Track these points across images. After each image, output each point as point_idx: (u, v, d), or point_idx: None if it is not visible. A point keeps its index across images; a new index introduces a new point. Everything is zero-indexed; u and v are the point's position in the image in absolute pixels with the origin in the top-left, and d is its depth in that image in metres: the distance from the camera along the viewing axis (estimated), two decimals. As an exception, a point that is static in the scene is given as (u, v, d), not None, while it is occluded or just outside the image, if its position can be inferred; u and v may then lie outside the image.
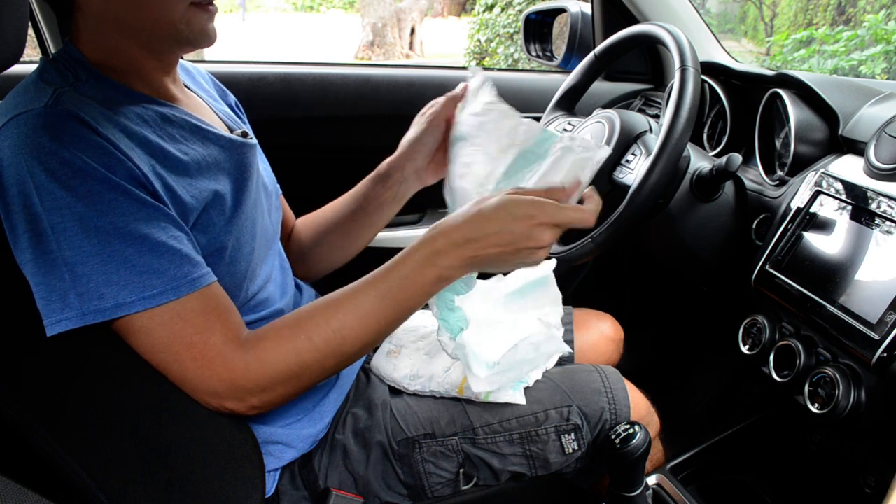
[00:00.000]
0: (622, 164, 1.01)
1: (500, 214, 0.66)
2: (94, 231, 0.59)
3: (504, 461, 0.85)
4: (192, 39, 0.69)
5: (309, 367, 0.67)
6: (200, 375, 0.64)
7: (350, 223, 0.97)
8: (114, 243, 0.60)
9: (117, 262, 0.60)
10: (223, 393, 0.65)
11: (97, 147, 0.61)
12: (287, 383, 0.67)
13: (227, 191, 0.74)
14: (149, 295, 0.61)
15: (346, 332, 0.67)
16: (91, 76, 0.68)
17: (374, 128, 1.43)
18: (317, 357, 0.66)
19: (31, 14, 1.22)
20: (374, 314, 0.68)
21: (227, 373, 0.64)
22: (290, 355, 0.66)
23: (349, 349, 0.68)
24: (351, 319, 0.67)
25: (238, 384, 0.65)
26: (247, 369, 0.65)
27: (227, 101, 0.94)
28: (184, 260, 0.63)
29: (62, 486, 0.60)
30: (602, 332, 1.09)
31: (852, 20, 4.40)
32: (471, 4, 11.17)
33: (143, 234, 0.61)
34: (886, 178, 0.85)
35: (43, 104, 0.61)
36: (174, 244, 0.63)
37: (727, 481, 1.05)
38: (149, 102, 0.71)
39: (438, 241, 0.67)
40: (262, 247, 0.82)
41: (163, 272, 0.61)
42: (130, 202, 0.61)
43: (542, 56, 1.72)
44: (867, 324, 0.77)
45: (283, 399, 0.68)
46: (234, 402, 0.66)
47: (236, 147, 0.79)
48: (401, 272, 0.67)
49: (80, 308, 0.59)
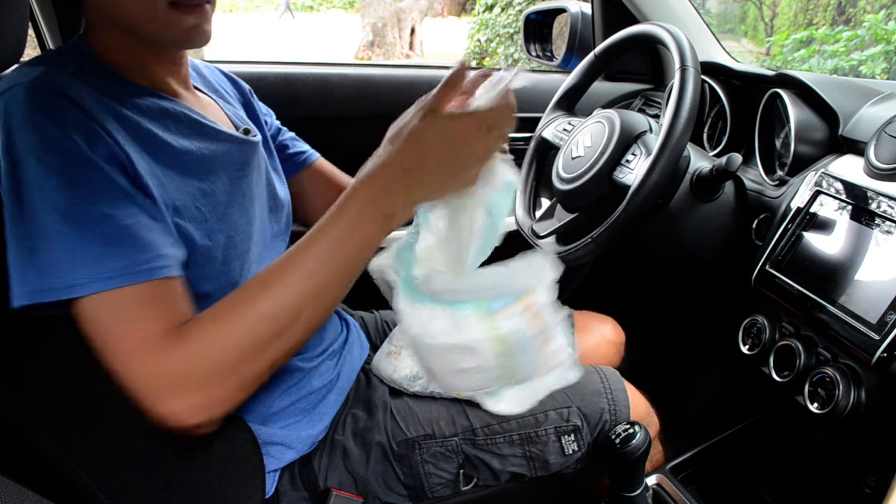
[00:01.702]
0: (622, 164, 1.01)
1: (430, 131, 0.62)
2: (61, 208, 0.58)
3: (504, 462, 0.85)
4: (173, 40, 0.69)
5: (248, 344, 0.59)
6: (137, 369, 0.58)
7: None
8: (77, 222, 0.58)
9: (76, 241, 0.58)
10: (158, 389, 0.57)
11: (79, 123, 0.60)
12: (227, 373, 0.59)
13: (221, 187, 0.74)
14: (103, 277, 0.58)
15: (286, 300, 0.61)
16: (95, 68, 0.68)
17: (374, 128, 1.41)
18: (256, 330, 0.60)
19: (31, 14, 1.22)
20: (313, 276, 0.62)
21: (163, 363, 0.58)
22: (230, 331, 0.59)
23: (291, 320, 0.61)
24: (291, 286, 0.61)
25: (171, 377, 0.58)
26: (180, 358, 0.58)
27: (242, 95, 0.93)
28: (145, 247, 0.60)
29: (62, 486, 0.60)
30: (603, 334, 1.09)
31: (852, 20, 4.41)
32: (471, 4, 11.17)
33: (108, 214, 0.59)
34: (886, 178, 0.85)
35: (31, 78, 0.61)
36: (139, 230, 0.60)
37: (727, 481, 1.05)
38: (149, 96, 0.71)
39: (366, 180, 0.63)
40: (260, 246, 0.81)
41: (120, 257, 0.59)
42: (103, 183, 0.60)
43: (542, 56, 1.73)
44: (867, 324, 0.77)
45: (227, 396, 0.60)
46: (174, 403, 0.57)
47: (236, 144, 0.78)
48: (335, 228, 0.63)
49: (37, 284, 0.57)
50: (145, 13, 0.66)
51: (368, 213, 0.63)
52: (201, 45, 0.71)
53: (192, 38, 0.69)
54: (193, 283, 0.70)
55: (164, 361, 0.58)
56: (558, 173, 1.07)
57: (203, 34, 0.69)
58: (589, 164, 1.02)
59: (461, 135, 0.63)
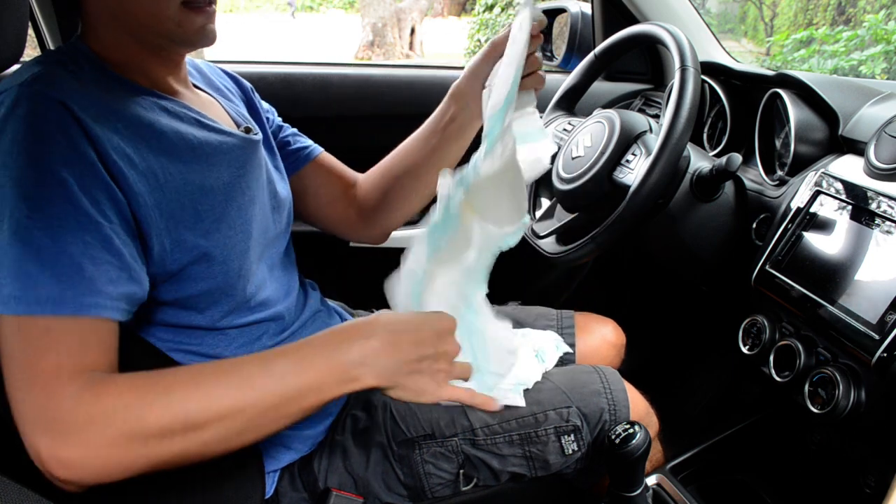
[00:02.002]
0: (622, 164, 1.01)
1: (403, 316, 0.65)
2: (12, 220, 0.56)
3: (504, 462, 0.85)
4: (184, 40, 0.69)
5: (150, 426, 0.55)
6: (29, 399, 0.54)
7: (420, 164, 0.94)
8: (22, 238, 0.56)
9: (14, 257, 0.56)
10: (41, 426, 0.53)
11: (63, 131, 0.59)
12: (119, 439, 0.54)
13: (219, 184, 0.73)
14: (31, 300, 0.55)
15: (211, 399, 0.57)
16: (95, 68, 0.68)
17: (374, 128, 1.43)
18: (164, 416, 0.55)
19: (31, 14, 1.22)
20: (252, 387, 0.58)
21: (57, 404, 0.54)
22: (134, 404, 0.55)
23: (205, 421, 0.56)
24: (224, 388, 0.57)
25: (53, 418, 0.53)
26: (76, 404, 0.54)
27: (244, 93, 0.93)
28: (84, 281, 0.57)
29: (62, 486, 0.60)
30: (604, 336, 1.09)
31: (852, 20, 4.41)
32: (471, 4, 11.17)
33: (57, 239, 0.57)
34: (886, 178, 0.85)
35: (20, 81, 0.61)
36: (83, 262, 0.57)
37: (727, 481, 1.05)
38: (150, 95, 0.71)
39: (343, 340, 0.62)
40: (259, 245, 0.80)
41: (54, 284, 0.56)
42: (63, 204, 0.58)
43: (542, 56, 1.72)
44: (867, 324, 0.77)
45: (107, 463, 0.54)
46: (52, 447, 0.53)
47: (237, 141, 0.78)
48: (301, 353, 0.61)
49: None
50: (158, 13, 0.66)
51: (334, 363, 0.61)
52: (209, 45, 0.71)
53: (202, 37, 0.70)
54: (192, 282, 0.70)
55: (58, 403, 0.54)
56: (558, 173, 1.07)
57: (211, 33, 0.71)
58: (589, 164, 1.02)
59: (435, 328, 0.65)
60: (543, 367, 0.92)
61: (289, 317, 0.86)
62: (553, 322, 1.07)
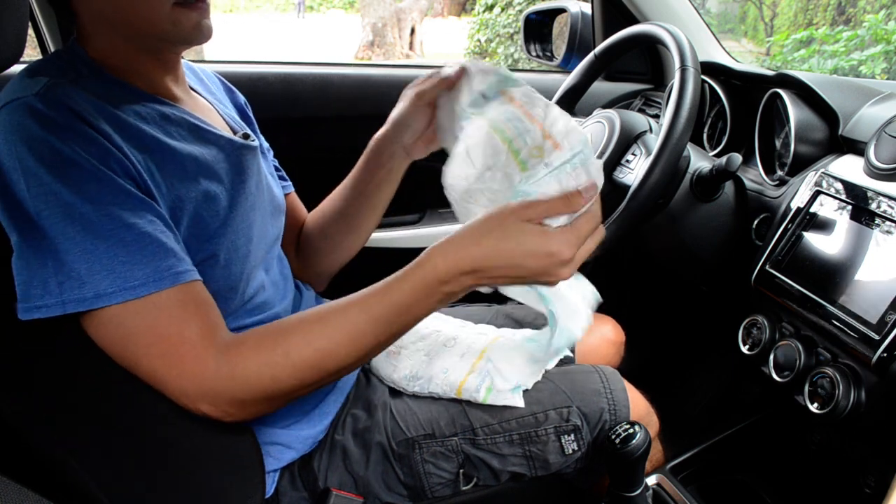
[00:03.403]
0: (622, 164, 1.01)
1: (515, 245, 0.61)
2: (80, 219, 0.58)
3: (504, 462, 0.85)
4: (180, 38, 0.69)
5: (283, 383, 0.63)
6: (169, 373, 0.61)
7: (352, 209, 0.95)
8: (97, 232, 0.59)
9: (100, 251, 0.58)
10: (193, 394, 0.61)
11: (87, 136, 0.61)
12: (260, 400, 0.64)
13: (222, 191, 0.74)
14: (130, 286, 0.59)
15: (328, 352, 0.63)
16: (93, 73, 0.68)
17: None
18: (293, 374, 0.63)
19: (31, 14, 1.23)
20: (362, 335, 0.64)
21: (198, 371, 0.61)
22: (264, 369, 0.62)
23: (330, 368, 0.64)
24: (335, 340, 0.63)
25: (207, 386, 0.61)
26: (217, 373, 0.61)
27: (236, 103, 0.93)
28: (168, 253, 0.62)
29: (62, 486, 0.60)
30: (603, 334, 1.09)
31: (852, 20, 4.41)
32: (471, 4, 11.17)
33: (129, 223, 0.60)
34: (886, 178, 0.85)
35: (33, 92, 0.61)
36: (159, 237, 0.62)
37: (727, 481, 1.05)
38: (149, 101, 0.71)
39: (440, 266, 0.62)
40: (259, 250, 0.81)
41: (145, 264, 0.60)
42: (118, 192, 0.60)
43: (542, 56, 1.73)
44: (867, 324, 0.77)
45: (258, 413, 0.65)
46: (208, 406, 0.62)
47: (235, 148, 0.79)
48: (395, 297, 0.63)
49: (60, 296, 0.58)
50: (152, 15, 0.66)
51: (431, 292, 0.63)
52: (205, 41, 0.71)
53: (198, 34, 0.69)
54: None
55: (199, 368, 0.61)
56: (558, 173, 1.07)
57: (207, 30, 0.70)
58: (589, 164, 1.02)
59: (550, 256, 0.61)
60: (543, 368, 0.92)
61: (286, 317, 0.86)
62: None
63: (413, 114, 0.84)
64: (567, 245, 0.62)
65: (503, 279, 0.64)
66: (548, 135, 0.67)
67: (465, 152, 0.70)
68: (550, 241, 0.61)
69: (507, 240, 0.61)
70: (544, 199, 0.63)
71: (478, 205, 0.71)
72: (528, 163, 0.68)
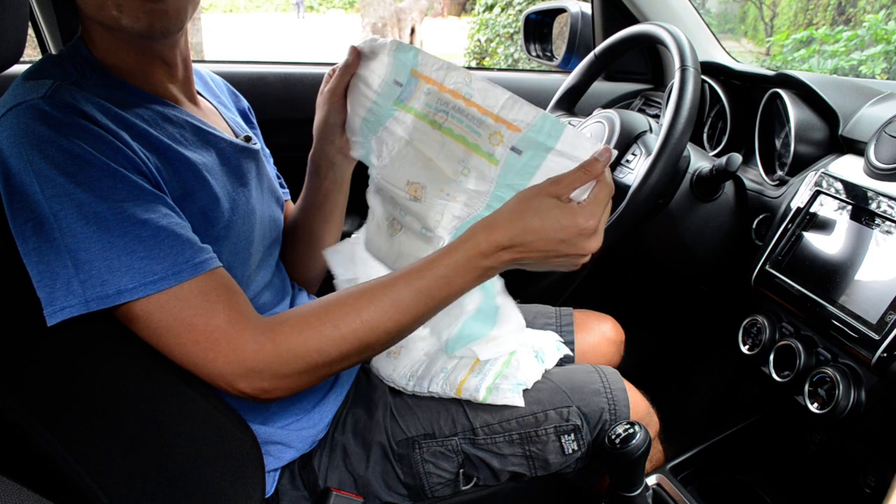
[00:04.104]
0: (622, 164, 1.01)
1: (547, 221, 0.65)
2: (94, 217, 0.59)
3: (504, 461, 0.85)
4: (130, 26, 0.65)
5: (330, 356, 0.65)
6: (205, 358, 0.62)
7: (309, 222, 0.96)
8: (114, 229, 0.59)
9: (118, 248, 0.59)
10: (231, 374, 0.62)
11: (96, 135, 0.61)
12: (304, 372, 0.64)
13: (224, 194, 0.74)
14: (150, 280, 0.60)
15: (375, 323, 0.65)
16: (98, 74, 0.68)
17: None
18: (341, 346, 0.65)
19: (31, 14, 1.23)
20: (407, 308, 0.66)
21: (235, 354, 0.62)
22: (312, 342, 0.64)
23: (376, 341, 0.66)
24: (382, 312, 0.65)
25: (248, 366, 0.62)
26: (260, 350, 0.62)
27: (240, 108, 0.94)
28: (185, 244, 0.62)
29: (62, 485, 0.60)
30: (603, 333, 1.09)
31: (852, 20, 4.40)
32: (471, 4, 11.17)
33: (144, 219, 0.60)
34: (886, 178, 0.85)
35: (40, 95, 0.61)
36: (175, 229, 0.62)
37: (727, 481, 1.05)
38: (151, 102, 0.71)
39: (482, 243, 0.66)
40: (259, 253, 0.82)
41: (164, 257, 0.61)
42: (130, 188, 0.61)
43: (542, 56, 1.73)
44: (867, 324, 0.77)
45: (298, 386, 0.66)
46: (246, 384, 0.63)
47: (237, 151, 0.79)
48: (440, 270, 0.66)
49: (83, 295, 0.58)
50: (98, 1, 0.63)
51: (473, 266, 0.66)
52: (167, 29, 0.66)
53: (152, 21, 0.64)
54: None
55: (235, 351, 0.62)
56: (558, 173, 1.07)
57: (163, 16, 0.65)
58: (589, 164, 1.02)
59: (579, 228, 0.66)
60: (543, 368, 0.92)
61: None
62: (552, 320, 1.07)
63: (332, 115, 0.83)
64: (592, 216, 0.66)
65: (537, 254, 0.67)
66: (497, 117, 0.69)
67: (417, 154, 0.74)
68: (577, 215, 0.66)
69: (541, 217, 0.65)
70: (567, 174, 0.67)
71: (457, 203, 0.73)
72: (495, 153, 0.69)
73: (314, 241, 0.97)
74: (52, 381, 0.62)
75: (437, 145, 0.73)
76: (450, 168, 0.73)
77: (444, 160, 0.73)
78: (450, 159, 0.73)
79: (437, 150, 0.73)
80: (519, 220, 0.66)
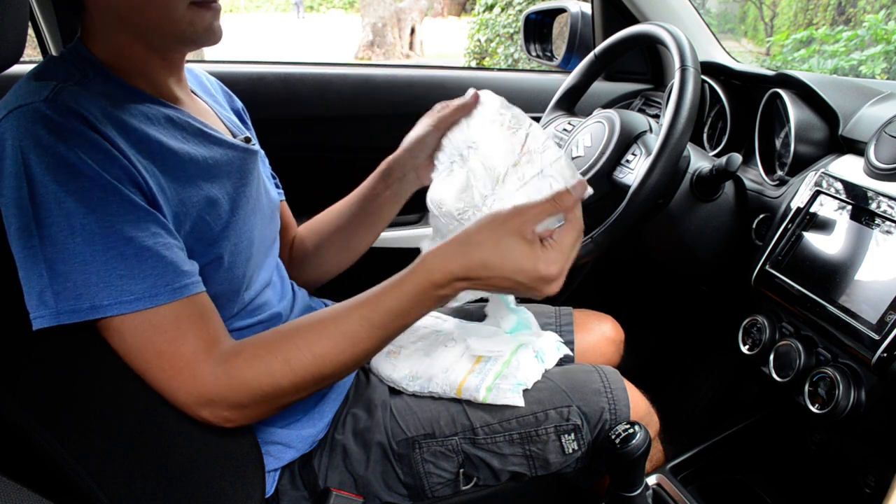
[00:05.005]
0: (622, 164, 1.01)
1: (507, 262, 0.63)
2: (81, 229, 0.58)
3: (504, 461, 0.85)
4: (195, 38, 0.69)
5: (283, 389, 0.65)
6: (169, 385, 0.63)
7: (352, 225, 0.97)
8: (98, 243, 0.59)
9: (99, 263, 0.59)
10: (191, 404, 0.63)
11: (94, 144, 0.61)
12: (260, 403, 0.65)
13: (225, 195, 0.74)
14: (125, 300, 0.60)
15: (328, 357, 0.65)
16: (99, 74, 0.68)
17: (373, 128, 1.43)
18: (293, 380, 0.65)
19: (31, 14, 1.23)
20: (361, 340, 0.66)
21: (195, 384, 0.62)
22: (264, 376, 0.64)
23: (331, 373, 0.66)
24: (335, 345, 0.65)
25: (206, 396, 0.63)
26: (216, 383, 0.63)
27: (234, 108, 0.94)
28: (167, 267, 0.62)
29: (62, 486, 0.60)
30: (603, 333, 1.09)
31: (852, 20, 4.40)
32: (471, 4, 11.17)
33: (129, 236, 0.60)
34: (886, 178, 0.85)
35: (42, 98, 0.61)
36: (160, 250, 0.62)
37: (727, 481, 1.05)
38: (154, 103, 0.71)
39: (435, 273, 0.65)
40: (260, 253, 0.82)
41: (144, 277, 0.60)
42: (121, 203, 0.60)
43: (542, 56, 1.72)
44: (867, 324, 0.77)
45: (258, 416, 0.67)
46: (208, 413, 0.64)
47: (238, 152, 0.79)
48: (392, 303, 0.65)
49: (56, 307, 0.58)
50: (169, 14, 0.66)
51: (427, 297, 0.65)
52: (216, 42, 0.71)
53: (210, 34, 0.70)
54: None
55: (195, 382, 0.62)
56: (558, 173, 1.07)
57: (218, 31, 0.71)
58: (589, 164, 1.02)
59: (539, 275, 0.64)
60: (543, 368, 0.92)
61: (285, 316, 0.87)
62: (552, 319, 1.07)
63: (428, 138, 0.86)
64: (554, 264, 0.64)
65: (494, 288, 0.66)
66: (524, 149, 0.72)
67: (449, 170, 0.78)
68: (538, 261, 0.64)
69: (500, 254, 0.64)
70: (534, 204, 0.65)
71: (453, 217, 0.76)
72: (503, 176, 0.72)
73: (348, 245, 0.98)
74: (52, 382, 0.62)
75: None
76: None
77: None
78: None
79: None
80: (476, 252, 0.64)
